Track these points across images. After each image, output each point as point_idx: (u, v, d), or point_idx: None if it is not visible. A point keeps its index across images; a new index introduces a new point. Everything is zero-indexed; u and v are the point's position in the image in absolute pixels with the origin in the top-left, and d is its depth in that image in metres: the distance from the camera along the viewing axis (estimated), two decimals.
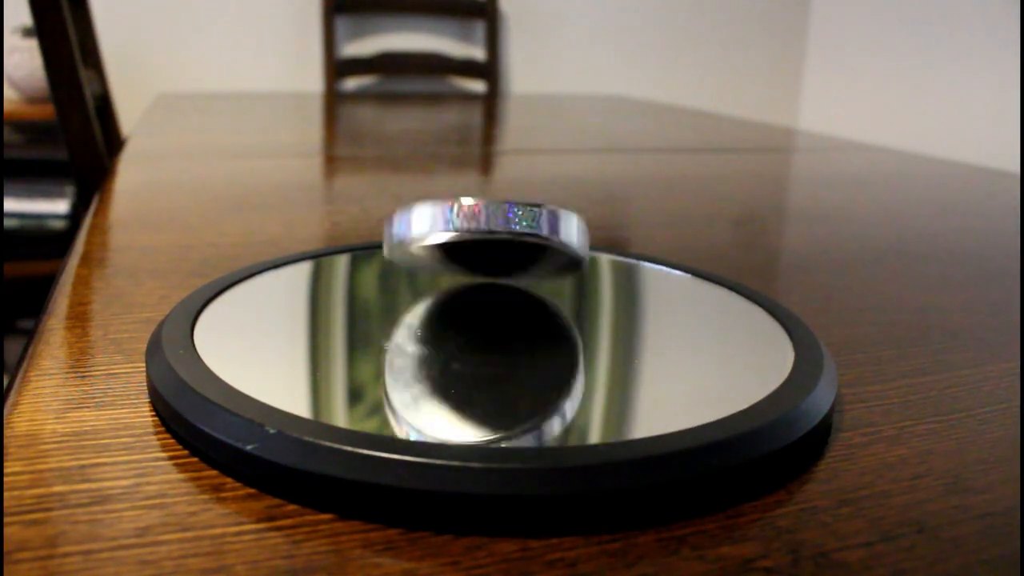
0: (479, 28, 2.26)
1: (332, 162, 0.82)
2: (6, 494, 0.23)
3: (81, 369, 0.31)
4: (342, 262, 0.42)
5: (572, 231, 0.32)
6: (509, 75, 2.32)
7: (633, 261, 0.43)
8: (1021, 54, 2.01)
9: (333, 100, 1.53)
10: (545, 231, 0.32)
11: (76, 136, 0.83)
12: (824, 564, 0.22)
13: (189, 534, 0.22)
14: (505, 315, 0.36)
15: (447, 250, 0.34)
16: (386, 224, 0.33)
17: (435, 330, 0.34)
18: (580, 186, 0.72)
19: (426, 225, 0.31)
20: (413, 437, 0.26)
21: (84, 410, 0.28)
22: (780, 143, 1.06)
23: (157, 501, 0.23)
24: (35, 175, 1.78)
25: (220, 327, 0.32)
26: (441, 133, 1.07)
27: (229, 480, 0.24)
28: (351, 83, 2.20)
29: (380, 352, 0.32)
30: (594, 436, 0.27)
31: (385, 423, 0.27)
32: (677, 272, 0.41)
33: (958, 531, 0.24)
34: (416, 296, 0.39)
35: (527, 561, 0.22)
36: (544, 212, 0.32)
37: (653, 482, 0.23)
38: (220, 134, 0.98)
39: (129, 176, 0.69)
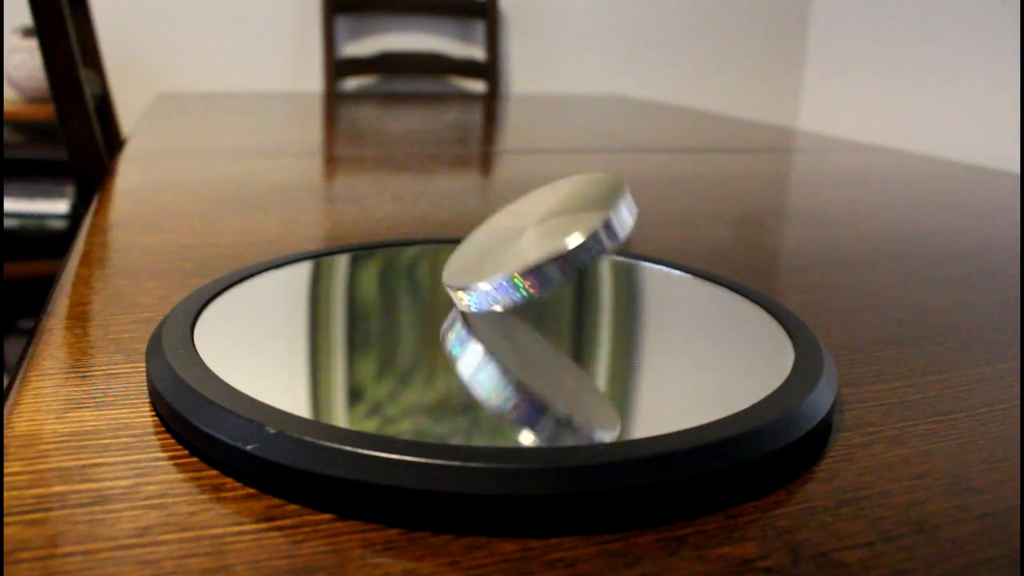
0: (479, 28, 2.26)
1: (332, 162, 0.82)
2: (6, 494, 0.23)
3: (81, 369, 0.31)
4: (342, 262, 0.42)
5: (627, 224, 0.32)
6: (509, 75, 2.32)
7: (633, 261, 0.43)
8: (1021, 54, 2.01)
9: (333, 100, 1.53)
10: (611, 244, 0.31)
11: (76, 136, 0.83)
12: (824, 564, 0.22)
13: (189, 534, 0.22)
14: (505, 315, 0.36)
15: None
16: (456, 296, 0.33)
17: (434, 330, 0.34)
18: None
19: (497, 302, 0.31)
20: (413, 436, 0.26)
21: (84, 410, 0.28)
22: (780, 143, 1.06)
23: (157, 501, 0.23)
24: (35, 175, 1.78)
25: (220, 327, 0.32)
26: (441, 133, 1.07)
27: (229, 480, 0.24)
28: (351, 83, 2.20)
29: (385, 350, 0.32)
30: (594, 436, 0.27)
31: (385, 423, 0.27)
32: (677, 272, 0.41)
33: (958, 531, 0.24)
34: (416, 296, 0.39)
35: (527, 561, 0.22)
36: (605, 227, 0.30)
37: (653, 482, 0.23)
38: (220, 134, 0.98)
39: (129, 176, 0.69)
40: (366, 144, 0.94)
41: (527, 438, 0.26)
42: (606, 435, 0.27)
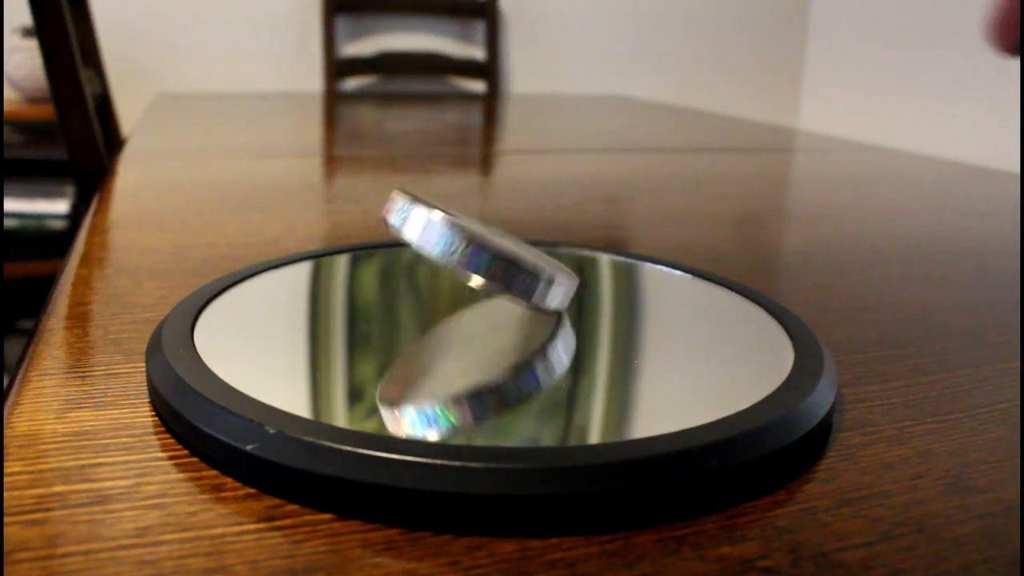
0: (479, 28, 2.26)
1: (332, 162, 0.82)
2: (6, 494, 0.23)
3: (81, 369, 0.31)
4: (342, 262, 0.42)
5: (550, 296, 0.31)
6: (509, 75, 2.32)
7: (633, 261, 0.43)
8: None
9: (333, 100, 1.53)
10: (517, 291, 0.31)
11: (76, 136, 0.83)
12: (824, 564, 0.22)
13: (189, 534, 0.22)
14: (504, 315, 0.36)
15: None
16: (391, 204, 0.32)
17: (434, 330, 0.34)
18: (580, 186, 0.72)
19: (417, 235, 0.30)
20: (413, 436, 0.26)
21: (84, 410, 0.28)
22: (780, 143, 1.06)
23: (157, 501, 0.23)
24: (35, 175, 1.78)
25: (220, 327, 0.32)
26: (441, 133, 1.07)
27: (229, 480, 0.24)
28: (351, 83, 2.20)
29: (385, 350, 0.32)
30: (594, 436, 0.27)
31: (384, 423, 0.27)
32: (677, 272, 0.41)
33: (958, 531, 0.24)
34: (416, 296, 0.39)
35: (527, 561, 0.22)
36: (519, 274, 0.30)
37: (653, 482, 0.23)
38: (220, 134, 0.98)
39: (129, 176, 0.69)
40: (366, 144, 0.94)
41: (527, 438, 0.26)
42: (606, 435, 0.27)
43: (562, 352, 0.31)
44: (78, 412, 0.28)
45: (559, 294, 0.31)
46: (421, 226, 0.30)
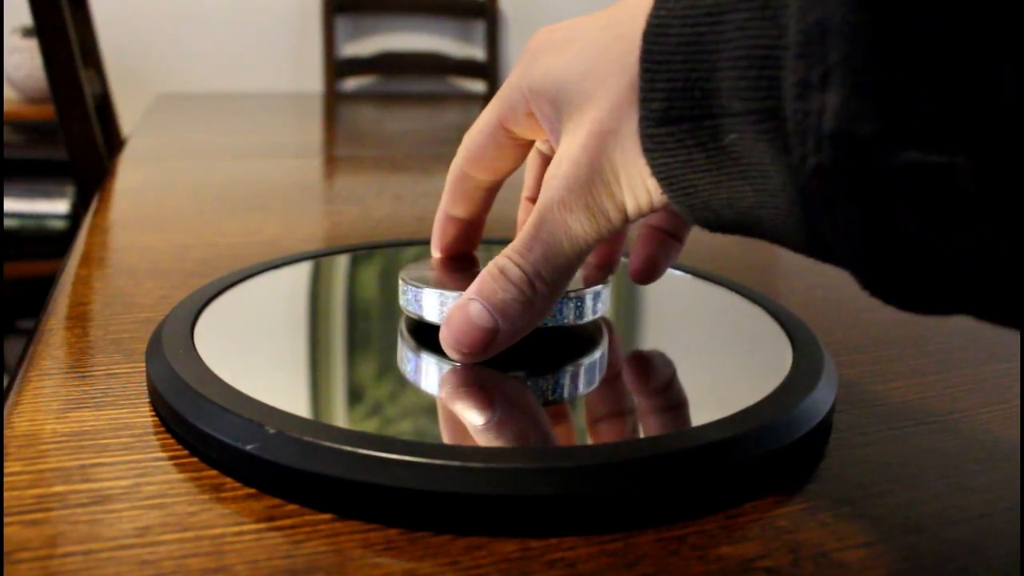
0: (479, 28, 2.26)
1: (332, 162, 0.82)
2: (6, 494, 0.23)
3: (81, 369, 0.31)
4: (342, 262, 0.42)
5: (590, 312, 0.31)
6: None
7: None
8: None
9: (333, 100, 1.53)
10: (569, 319, 0.31)
11: (76, 136, 0.83)
12: (824, 564, 0.22)
13: (189, 534, 0.22)
14: None
15: None
16: (401, 286, 0.32)
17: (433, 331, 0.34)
18: None
19: (437, 313, 0.30)
20: (413, 436, 0.26)
21: (84, 410, 0.28)
22: None
23: (157, 501, 0.23)
24: (35, 175, 1.78)
25: (220, 327, 0.32)
26: (441, 133, 1.07)
27: (229, 480, 0.24)
28: (351, 83, 2.20)
29: (384, 351, 0.32)
30: (594, 436, 0.27)
31: (384, 423, 0.27)
32: (677, 272, 0.41)
33: (958, 531, 0.24)
34: None
35: (527, 561, 0.22)
36: (566, 303, 0.30)
37: (653, 482, 0.23)
38: (220, 134, 0.98)
39: (129, 176, 0.69)
40: (366, 144, 0.94)
41: (528, 438, 0.26)
42: (606, 435, 0.27)
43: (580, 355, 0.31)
44: (78, 412, 0.28)
45: (594, 301, 0.31)
46: (436, 307, 0.30)
